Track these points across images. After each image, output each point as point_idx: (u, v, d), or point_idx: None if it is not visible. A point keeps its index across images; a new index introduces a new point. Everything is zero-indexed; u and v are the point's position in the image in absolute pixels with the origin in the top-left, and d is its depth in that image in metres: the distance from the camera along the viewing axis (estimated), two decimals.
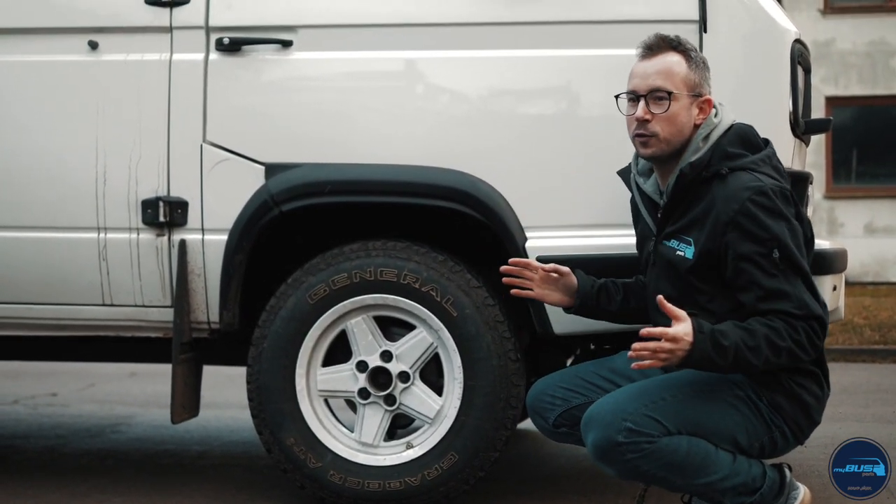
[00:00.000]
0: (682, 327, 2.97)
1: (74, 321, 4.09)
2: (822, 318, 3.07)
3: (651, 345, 2.94)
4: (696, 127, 3.25)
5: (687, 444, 3.09)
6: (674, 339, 2.95)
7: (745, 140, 3.25)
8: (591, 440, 3.10)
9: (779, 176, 3.21)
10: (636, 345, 2.95)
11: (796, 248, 3.10)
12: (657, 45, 3.27)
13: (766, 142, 3.31)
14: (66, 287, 4.01)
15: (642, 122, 3.23)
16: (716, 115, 3.27)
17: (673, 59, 3.25)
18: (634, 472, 3.11)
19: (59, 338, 4.50)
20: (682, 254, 3.20)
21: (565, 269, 3.45)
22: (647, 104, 3.23)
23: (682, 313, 3.00)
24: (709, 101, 3.26)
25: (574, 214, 3.75)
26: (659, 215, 3.30)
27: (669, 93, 3.22)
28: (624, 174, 3.48)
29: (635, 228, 3.50)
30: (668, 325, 2.99)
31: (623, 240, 3.62)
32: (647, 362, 2.95)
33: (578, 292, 3.46)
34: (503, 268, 3.46)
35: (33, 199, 3.99)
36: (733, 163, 3.18)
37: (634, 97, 3.27)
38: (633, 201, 3.48)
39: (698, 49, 3.42)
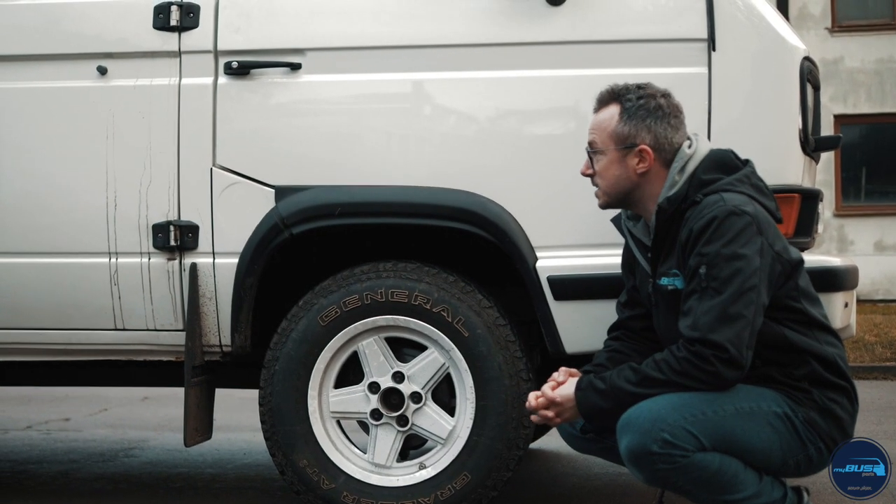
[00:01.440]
0: (564, 389, 3.26)
1: (86, 346, 4.10)
2: (714, 342, 3.05)
3: (539, 412, 3.28)
4: (642, 175, 3.30)
5: (718, 462, 3.10)
6: (553, 402, 3.26)
7: (720, 164, 3.28)
8: (625, 443, 3.11)
9: (758, 194, 3.23)
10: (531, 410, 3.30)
11: (733, 272, 3.06)
12: (603, 100, 3.39)
13: (746, 162, 3.32)
14: (77, 312, 4.02)
15: (591, 177, 3.39)
16: (689, 147, 3.30)
17: (607, 115, 3.34)
18: (663, 481, 3.13)
19: (72, 362, 4.52)
20: (674, 287, 3.24)
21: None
22: (588, 159, 3.38)
23: (567, 380, 3.28)
24: (644, 150, 3.28)
25: (584, 234, 3.75)
26: (649, 255, 3.33)
27: (599, 150, 3.34)
28: (616, 221, 3.52)
29: (629, 275, 3.52)
30: None
31: None
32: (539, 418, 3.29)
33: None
34: (534, 419, 3.40)
35: (44, 224, 4.00)
36: (707, 189, 3.21)
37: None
38: (625, 248, 3.52)
39: (665, 94, 3.35)
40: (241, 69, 3.87)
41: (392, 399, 3.88)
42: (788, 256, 3.19)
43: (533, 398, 3.31)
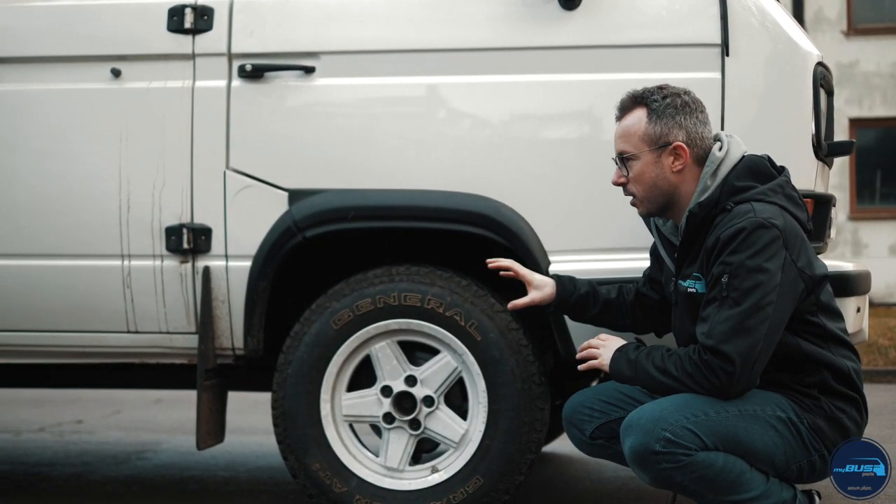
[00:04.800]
0: (615, 341, 3.36)
1: (99, 348, 4.10)
2: (725, 353, 3.06)
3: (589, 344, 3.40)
4: (678, 173, 3.29)
5: (723, 461, 3.10)
6: (603, 340, 3.38)
7: (755, 171, 3.26)
8: (628, 445, 3.13)
9: (790, 204, 3.21)
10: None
11: (754, 284, 3.06)
12: (625, 106, 3.38)
13: (782, 169, 3.31)
14: (90, 314, 4.03)
15: (623, 186, 3.36)
16: (720, 149, 3.29)
17: (634, 119, 3.34)
18: (668, 481, 3.13)
19: (84, 365, 4.52)
20: (694, 290, 3.25)
21: (516, 268, 3.64)
22: (619, 168, 3.36)
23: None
24: (680, 147, 3.28)
25: (597, 238, 3.75)
26: (676, 256, 3.33)
27: (631, 155, 3.32)
28: (646, 218, 3.51)
29: (656, 256, 3.54)
30: None
31: (646, 263, 3.61)
32: (582, 353, 3.39)
33: (555, 300, 3.60)
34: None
35: (57, 226, 4.00)
36: (739, 196, 3.20)
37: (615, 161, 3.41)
38: (653, 245, 3.52)
39: (686, 91, 3.37)
40: (255, 72, 3.87)
41: (404, 403, 3.88)
42: (812, 272, 3.17)
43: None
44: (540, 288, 3.60)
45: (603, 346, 3.34)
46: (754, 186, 3.22)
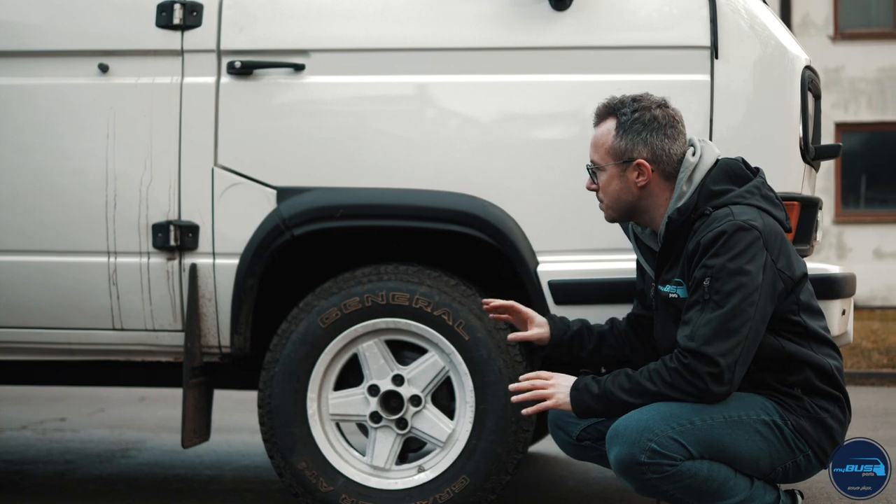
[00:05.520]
0: (562, 377, 3.27)
1: (84, 346, 4.09)
2: (708, 356, 3.05)
3: (528, 380, 3.28)
4: (643, 188, 3.30)
5: (707, 469, 3.11)
6: (547, 378, 3.26)
7: (730, 174, 3.27)
8: (614, 455, 3.13)
9: (768, 204, 3.22)
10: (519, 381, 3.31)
11: (736, 286, 3.06)
12: (600, 114, 3.39)
13: (757, 170, 3.32)
14: (75, 311, 4.01)
15: (595, 192, 3.39)
16: (693, 154, 3.29)
17: (604, 130, 3.35)
18: (653, 490, 3.14)
19: (69, 362, 4.50)
20: (675, 295, 3.25)
21: (518, 306, 3.53)
22: (591, 176, 3.39)
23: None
24: (642, 164, 3.28)
25: (586, 239, 3.75)
26: (656, 262, 3.34)
27: (598, 166, 3.35)
28: (623, 226, 3.53)
29: (641, 276, 3.54)
30: None
31: (634, 264, 3.61)
32: (527, 394, 3.26)
33: (551, 340, 3.52)
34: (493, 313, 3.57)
35: (43, 222, 3.99)
36: (718, 200, 3.21)
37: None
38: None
39: (663, 102, 3.34)
40: (244, 69, 3.86)
41: (391, 402, 3.88)
42: (791, 273, 3.17)
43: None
44: (542, 326, 3.54)
45: (552, 386, 3.25)
46: (731, 189, 3.23)
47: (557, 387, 3.24)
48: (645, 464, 3.07)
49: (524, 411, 3.30)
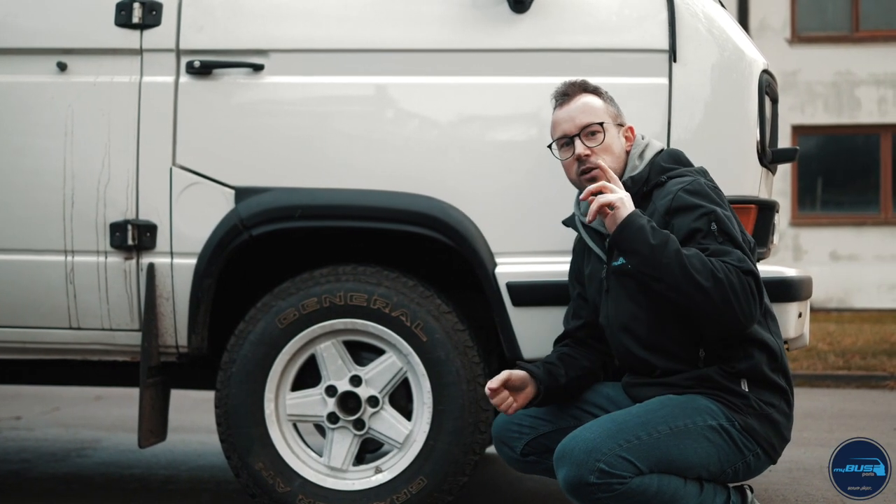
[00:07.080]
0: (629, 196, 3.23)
1: (40, 344, 4.06)
2: (759, 277, 3.13)
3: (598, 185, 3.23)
4: (627, 153, 3.41)
5: (657, 483, 3.12)
6: (614, 188, 3.20)
7: (677, 159, 3.41)
8: (562, 476, 3.12)
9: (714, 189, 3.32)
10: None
11: (731, 226, 3.18)
12: (570, 91, 3.45)
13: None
14: (32, 310, 3.98)
15: (584, 159, 3.36)
16: (643, 138, 3.45)
17: (589, 98, 3.43)
18: None
19: (24, 361, 4.47)
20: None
21: (515, 374, 3.37)
22: (583, 141, 3.37)
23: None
24: (631, 129, 3.45)
25: (544, 241, 3.76)
26: (608, 241, 3.32)
27: (600, 124, 3.38)
28: (569, 221, 3.55)
29: (576, 283, 3.54)
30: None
31: None
32: (595, 185, 3.21)
33: (540, 382, 3.38)
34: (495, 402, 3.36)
35: (0, 220, 3.96)
36: (669, 173, 3.32)
37: (568, 140, 3.41)
38: (575, 248, 3.56)
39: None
40: (203, 69, 3.85)
41: (349, 403, 3.88)
42: (747, 236, 3.31)
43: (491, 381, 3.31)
44: (527, 383, 3.39)
45: (620, 193, 3.20)
46: (679, 167, 3.36)
47: (626, 198, 3.19)
48: (594, 484, 3.06)
49: (587, 217, 3.22)
